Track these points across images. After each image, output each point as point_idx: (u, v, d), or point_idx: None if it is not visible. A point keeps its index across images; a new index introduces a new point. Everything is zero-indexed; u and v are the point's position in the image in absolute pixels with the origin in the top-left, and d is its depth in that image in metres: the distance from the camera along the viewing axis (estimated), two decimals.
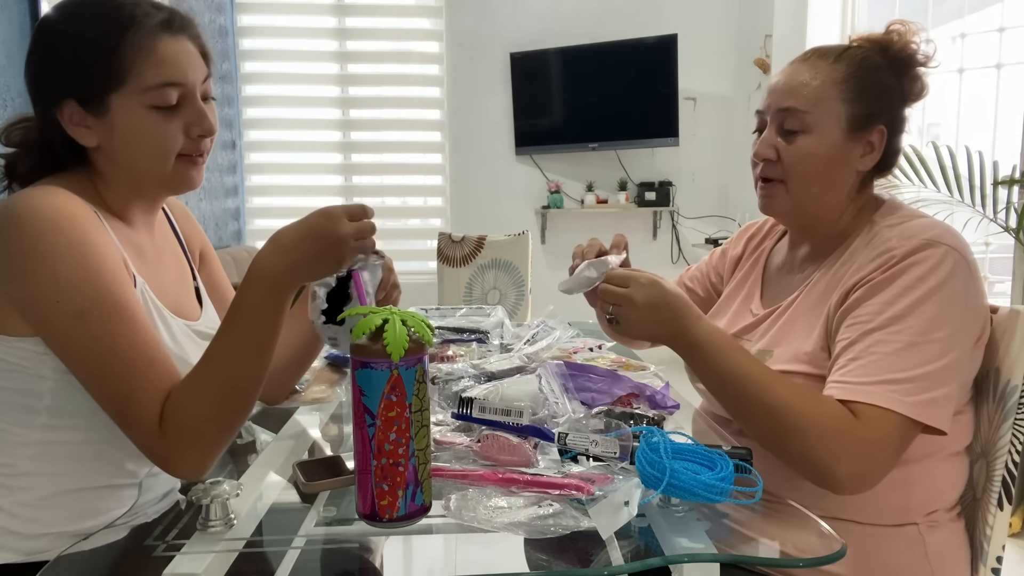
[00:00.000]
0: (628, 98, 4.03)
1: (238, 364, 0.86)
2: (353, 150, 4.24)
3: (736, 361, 0.98)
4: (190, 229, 1.18)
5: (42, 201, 0.86)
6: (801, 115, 1.06)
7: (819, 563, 0.72)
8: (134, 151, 0.93)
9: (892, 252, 0.99)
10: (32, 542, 0.92)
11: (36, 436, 0.92)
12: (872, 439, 0.90)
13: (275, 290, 0.86)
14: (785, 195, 1.10)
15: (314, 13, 4.16)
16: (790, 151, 1.07)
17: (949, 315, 0.94)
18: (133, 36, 0.89)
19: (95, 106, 0.91)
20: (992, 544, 1.03)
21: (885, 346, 0.93)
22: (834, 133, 1.06)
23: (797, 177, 1.08)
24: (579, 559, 0.73)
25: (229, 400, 0.86)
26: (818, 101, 1.06)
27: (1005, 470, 1.03)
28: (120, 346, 0.85)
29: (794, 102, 1.07)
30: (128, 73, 0.90)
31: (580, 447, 0.87)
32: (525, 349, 1.32)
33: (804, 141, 1.06)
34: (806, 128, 1.06)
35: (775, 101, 1.09)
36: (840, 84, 1.06)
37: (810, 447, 0.90)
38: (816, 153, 1.06)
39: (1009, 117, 2.83)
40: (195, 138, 0.96)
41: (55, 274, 0.84)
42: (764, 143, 1.10)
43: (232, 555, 0.74)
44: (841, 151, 1.07)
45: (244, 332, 0.86)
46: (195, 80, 0.94)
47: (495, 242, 2.68)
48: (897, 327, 0.94)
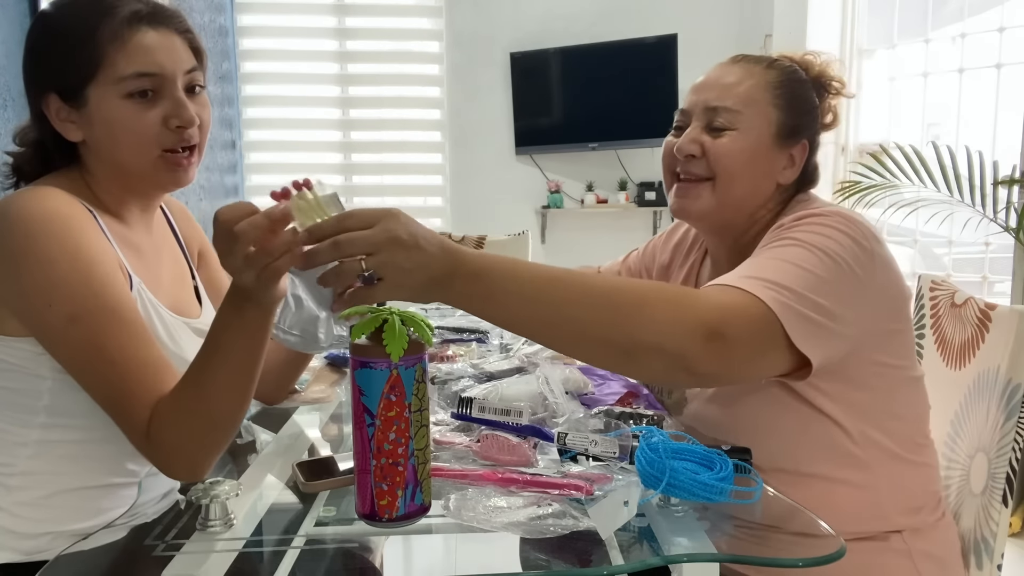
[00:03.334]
0: (628, 98, 4.02)
1: (218, 390, 0.82)
2: (353, 150, 4.23)
3: (536, 270, 0.81)
4: (189, 228, 1.18)
5: (35, 203, 0.86)
6: (732, 114, 1.03)
7: (819, 563, 0.72)
8: (113, 143, 0.93)
9: (780, 222, 0.98)
10: (32, 541, 0.92)
11: (35, 435, 0.92)
12: (729, 306, 0.82)
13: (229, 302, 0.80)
14: (710, 194, 1.05)
15: (314, 13, 4.15)
16: (717, 146, 1.04)
17: (841, 259, 0.89)
18: (107, 25, 0.89)
19: (74, 98, 0.91)
20: (995, 544, 1.03)
21: (765, 261, 0.90)
22: (763, 136, 1.04)
23: (724, 174, 1.04)
24: (579, 559, 0.73)
25: (211, 426, 0.84)
26: (751, 102, 1.04)
27: (1009, 468, 1.03)
28: (112, 351, 0.84)
29: (725, 100, 1.04)
30: (101, 62, 0.89)
31: (580, 447, 0.87)
32: (525, 349, 1.32)
33: (733, 138, 1.03)
34: (735, 126, 1.03)
35: (703, 99, 1.06)
36: (773, 89, 1.05)
37: (653, 322, 0.79)
38: (745, 151, 1.03)
39: (1009, 117, 2.82)
40: (174, 129, 0.93)
41: (48, 278, 0.84)
42: (688, 139, 1.06)
43: (232, 555, 0.74)
44: (766, 156, 1.05)
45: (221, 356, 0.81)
46: (174, 70, 0.92)
47: (495, 242, 2.68)
48: (781, 250, 0.91)
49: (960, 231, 2.82)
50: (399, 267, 0.71)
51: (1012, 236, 2.59)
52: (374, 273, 0.71)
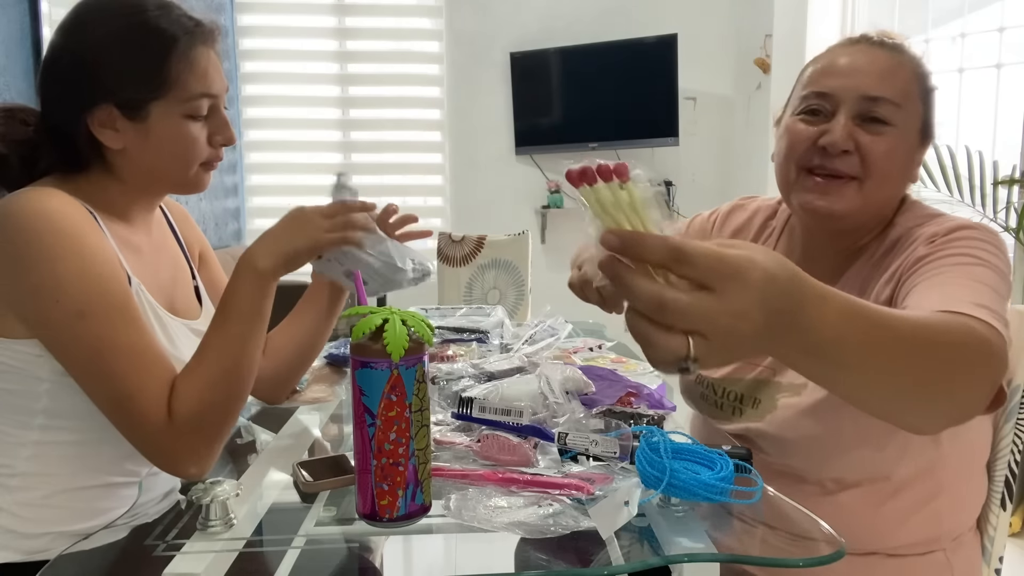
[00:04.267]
0: (628, 98, 4.02)
1: (232, 345, 0.90)
2: (353, 150, 4.23)
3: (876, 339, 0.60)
4: (189, 230, 1.19)
5: (38, 203, 0.86)
6: (892, 107, 0.92)
7: (819, 563, 0.72)
8: (164, 156, 0.96)
9: (931, 232, 0.91)
10: (32, 541, 0.92)
11: (34, 437, 0.92)
12: (1003, 356, 0.73)
13: (252, 267, 0.92)
14: (855, 194, 0.94)
15: (314, 13, 4.15)
16: (876, 145, 0.92)
17: (1004, 281, 0.85)
18: (181, 48, 0.92)
19: (134, 111, 0.93)
20: (996, 544, 1.03)
21: (972, 281, 0.82)
22: (914, 135, 0.96)
23: (878, 176, 0.93)
24: (579, 559, 0.73)
25: (228, 382, 0.90)
26: (908, 96, 0.94)
27: (1008, 470, 1.03)
28: (122, 345, 0.86)
29: (886, 91, 0.93)
30: (174, 83, 0.92)
31: (580, 447, 0.87)
32: (525, 349, 1.32)
33: (891, 136, 0.93)
34: (895, 122, 0.93)
35: (858, 85, 0.93)
36: (920, 82, 0.96)
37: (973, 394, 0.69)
38: (900, 151, 0.93)
39: (1009, 117, 2.82)
40: (217, 147, 1.00)
41: (55, 275, 0.84)
42: (844, 132, 0.92)
43: (232, 555, 0.74)
44: (914, 157, 0.97)
45: (234, 314, 0.91)
46: (222, 92, 0.98)
47: (495, 242, 2.68)
48: (970, 269, 0.83)
49: None
50: (726, 361, 0.53)
51: (1012, 236, 2.59)
52: (690, 359, 0.49)
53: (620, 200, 0.51)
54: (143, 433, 0.87)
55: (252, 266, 0.92)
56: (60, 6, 2.47)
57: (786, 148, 0.98)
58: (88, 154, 0.95)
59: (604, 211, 0.52)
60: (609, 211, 0.52)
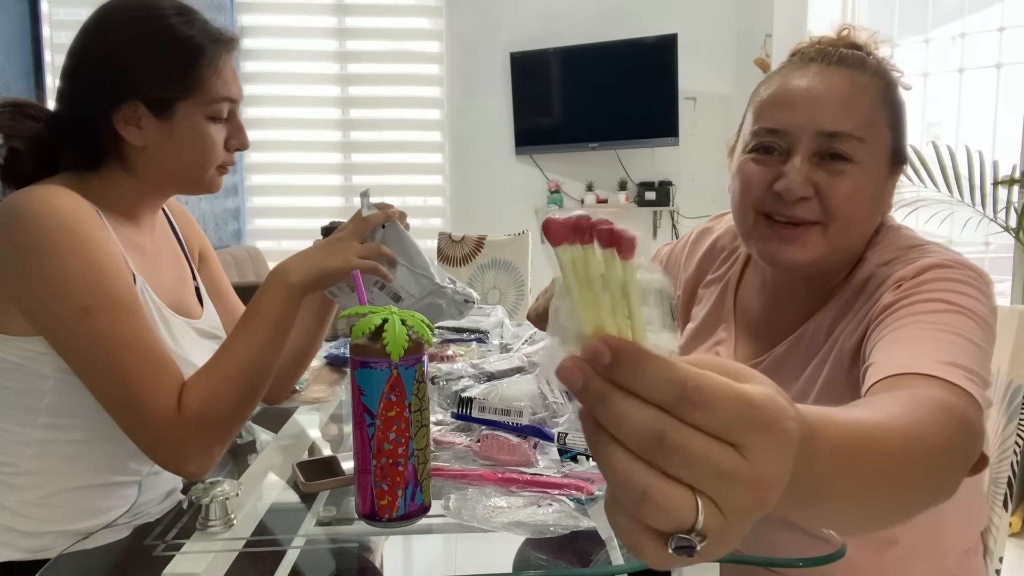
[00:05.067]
0: (628, 98, 4.02)
1: (251, 351, 0.92)
2: (353, 150, 4.23)
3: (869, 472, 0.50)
4: (190, 230, 1.19)
5: (45, 200, 0.87)
6: (854, 143, 0.83)
7: (819, 563, 0.72)
8: (183, 155, 0.98)
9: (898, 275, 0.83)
10: (34, 540, 0.92)
11: (37, 435, 0.92)
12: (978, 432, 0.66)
13: (285, 285, 0.94)
14: (819, 239, 0.85)
15: (314, 13, 4.16)
16: (839, 187, 0.83)
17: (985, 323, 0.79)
18: (209, 54, 0.97)
19: (162, 110, 0.95)
20: (997, 545, 1.03)
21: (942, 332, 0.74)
22: (882, 166, 0.86)
23: (843, 221, 0.84)
24: (579, 559, 0.73)
25: (241, 387, 0.91)
26: (872, 125, 0.84)
27: (1011, 471, 1.03)
28: (128, 342, 0.86)
29: (847, 124, 0.83)
30: (201, 85, 0.96)
31: (580, 447, 0.87)
32: (525, 349, 1.32)
33: (856, 175, 0.83)
34: (858, 159, 0.83)
35: (814, 119, 0.84)
36: (886, 106, 0.86)
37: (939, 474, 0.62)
38: (867, 189, 0.84)
39: (1009, 117, 2.83)
40: (231, 151, 1.03)
41: (61, 271, 0.85)
42: (800, 176, 0.83)
43: (232, 555, 0.74)
44: (884, 189, 0.88)
45: (259, 322, 0.94)
46: (239, 98, 1.03)
47: (495, 242, 2.68)
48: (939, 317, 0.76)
49: (960, 231, 2.82)
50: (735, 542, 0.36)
51: (1012, 236, 2.59)
52: (702, 543, 0.33)
53: (610, 277, 0.35)
54: (146, 430, 0.87)
55: (284, 279, 0.95)
56: (60, 6, 2.47)
57: (740, 191, 0.91)
58: (107, 151, 0.97)
59: (581, 284, 0.35)
60: (591, 286, 0.35)
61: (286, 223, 4.23)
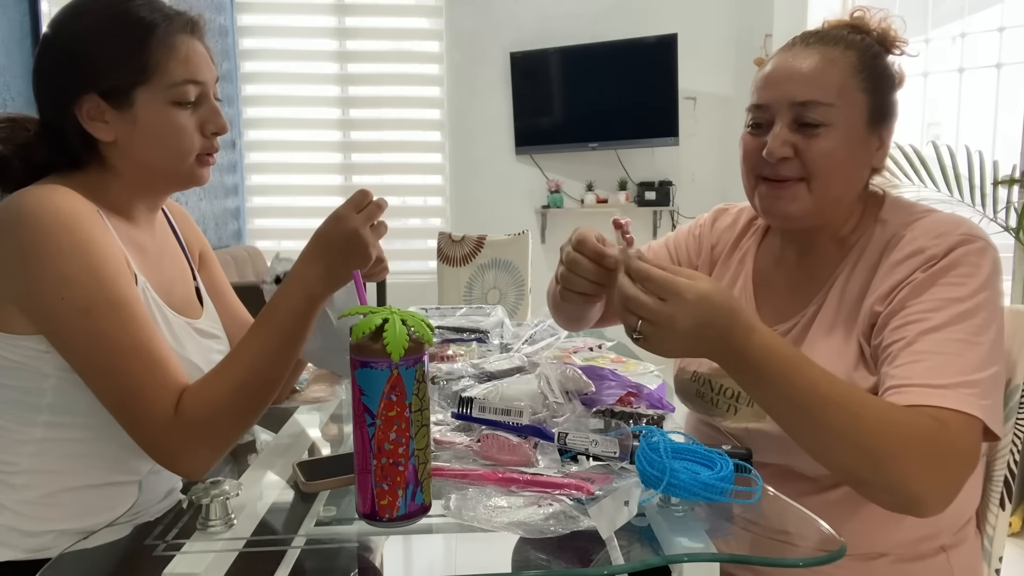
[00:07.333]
0: (628, 98, 4.02)
1: (264, 358, 0.91)
2: (353, 149, 4.23)
3: (805, 382, 0.81)
4: (189, 231, 1.19)
5: (45, 200, 0.87)
6: (824, 108, 0.95)
7: (819, 563, 0.72)
8: (155, 145, 0.96)
9: (929, 251, 0.93)
10: (35, 539, 0.92)
11: (38, 434, 0.92)
12: (962, 450, 0.81)
13: (308, 296, 0.92)
14: (806, 194, 0.98)
15: (314, 12, 4.16)
16: (813, 147, 0.96)
17: (995, 314, 0.89)
18: (160, 33, 0.93)
19: (119, 100, 0.93)
20: (995, 544, 1.03)
21: (949, 346, 0.86)
22: (857, 125, 0.97)
23: (821, 175, 0.97)
24: (579, 559, 0.73)
25: (248, 394, 0.90)
26: (841, 91, 0.96)
27: (1007, 469, 1.03)
28: (126, 342, 0.86)
29: (814, 93, 0.96)
30: (155, 68, 0.93)
31: (580, 447, 0.87)
32: (525, 349, 1.32)
33: (829, 136, 0.96)
34: (829, 122, 0.96)
35: (786, 93, 0.98)
36: (858, 73, 0.97)
37: (905, 475, 0.78)
38: (841, 147, 0.96)
39: (1009, 117, 2.83)
40: (209, 136, 0.99)
41: (60, 272, 0.84)
42: (779, 141, 0.97)
43: (232, 555, 0.74)
44: (862, 146, 0.99)
45: (275, 330, 0.92)
46: (210, 80, 0.98)
47: (495, 242, 2.68)
48: (956, 327, 0.87)
49: None
50: (660, 341, 0.80)
51: (1012, 236, 2.59)
52: (641, 334, 0.81)
53: None
54: (143, 431, 0.87)
55: (308, 288, 0.92)
56: (60, 5, 2.47)
57: (742, 160, 1.06)
58: (83, 149, 0.95)
59: None
60: None
61: (286, 223, 4.23)
